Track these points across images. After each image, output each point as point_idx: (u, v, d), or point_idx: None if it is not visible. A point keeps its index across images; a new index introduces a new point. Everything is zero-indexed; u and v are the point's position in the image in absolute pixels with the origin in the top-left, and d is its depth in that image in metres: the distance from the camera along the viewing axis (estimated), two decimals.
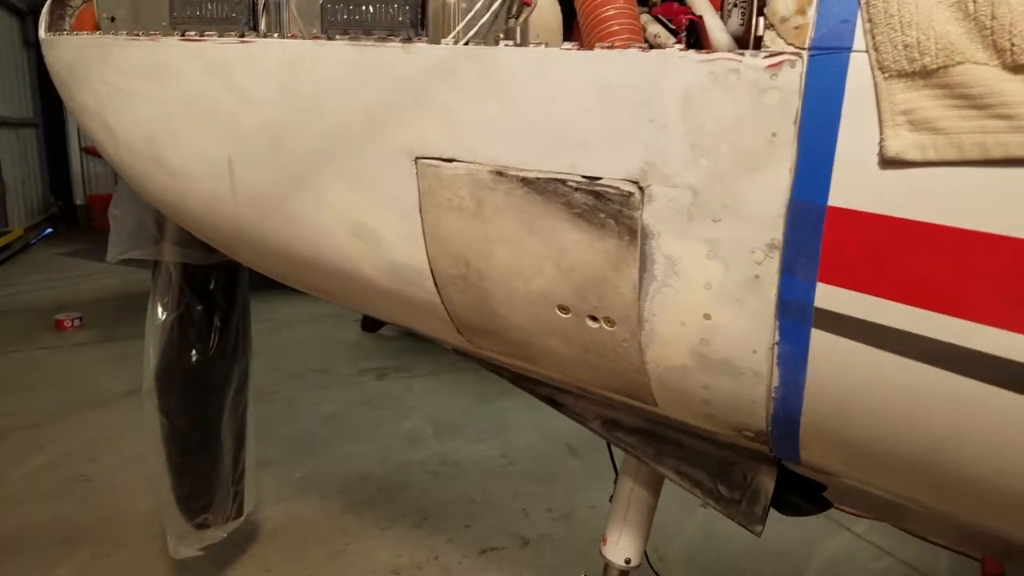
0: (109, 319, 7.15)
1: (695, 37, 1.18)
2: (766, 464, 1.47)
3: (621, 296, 1.13)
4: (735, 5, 1.21)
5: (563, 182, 1.09)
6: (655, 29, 1.25)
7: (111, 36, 1.46)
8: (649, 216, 1.05)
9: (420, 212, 1.25)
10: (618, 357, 1.22)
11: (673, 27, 1.21)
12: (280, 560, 3.55)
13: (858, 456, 1.15)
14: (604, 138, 1.05)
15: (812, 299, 0.99)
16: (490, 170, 1.14)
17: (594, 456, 4.54)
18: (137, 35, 1.41)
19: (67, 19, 1.73)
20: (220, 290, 2.49)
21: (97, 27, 1.63)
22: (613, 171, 1.06)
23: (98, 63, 1.48)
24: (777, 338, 1.04)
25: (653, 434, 1.61)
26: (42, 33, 1.67)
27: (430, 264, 1.29)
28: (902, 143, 0.87)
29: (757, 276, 1.01)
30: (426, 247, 1.28)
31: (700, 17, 1.15)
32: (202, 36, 1.34)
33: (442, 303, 1.34)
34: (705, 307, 1.08)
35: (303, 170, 1.31)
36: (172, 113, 1.41)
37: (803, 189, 0.94)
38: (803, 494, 1.56)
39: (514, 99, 1.11)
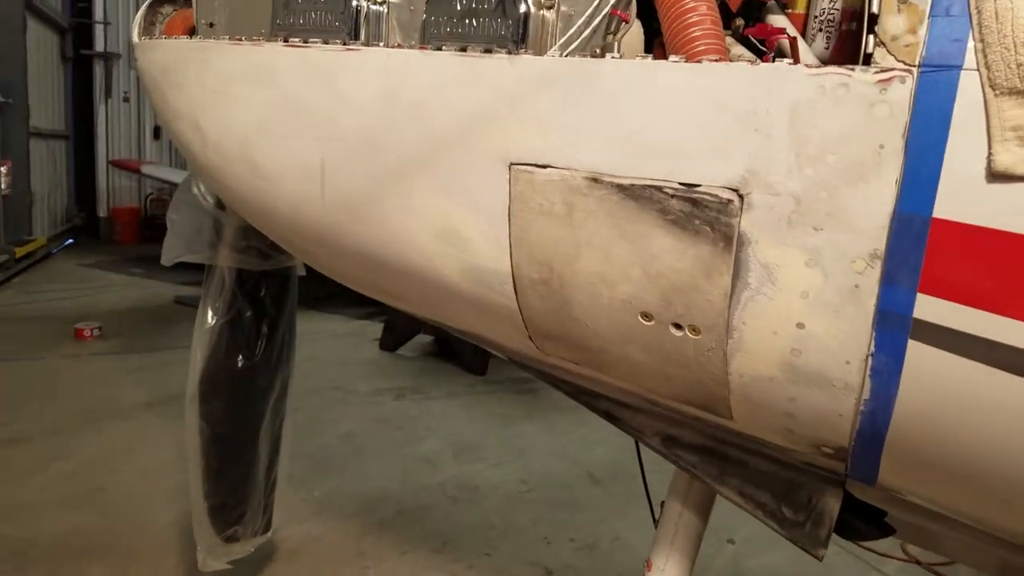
0: (128, 330, 7.20)
1: (781, 59, 1.22)
2: (832, 486, 1.48)
3: (710, 304, 1.16)
4: (820, 30, 1.26)
5: (659, 188, 1.13)
6: (739, 51, 1.30)
7: (211, 40, 1.52)
8: (747, 223, 1.09)
9: (509, 217, 1.28)
10: (700, 367, 1.24)
11: (762, 48, 1.25)
12: None
13: (940, 475, 1.17)
14: (705, 146, 1.09)
15: (912, 310, 1.02)
16: (585, 176, 1.18)
17: (616, 485, 4.52)
18: (240, 39, 1.47)
19: (158, 25, 1.79)
20: (271, 297, 2.52)
21: (188, 33, 1.69)
22: (713, 178, 1.09)
23: (196, 66, 1.54)
24: (872, 349, 1.06)
25: (716, 453, 1.62)
26: (135, 38, 1.73)
27: (513, 269, 1.32)
28: (1011, 158, 0.90)
29: (857, 285, 1.04)
30: (511, 252, 1.31)
31: (795, 38, 1.19)
32: (307, 42, 1.39)
33: (519, 308, 1.36)
34: (800, 316, 1.10)
35: (396, 174, 1.35)
36: (268, 116, 1.46)
37: (908, 200, 0.98)
38: (865, 519, 1.56)
39: (616, 108, 1.15)
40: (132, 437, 4.89)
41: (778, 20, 1.30)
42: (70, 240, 12.02)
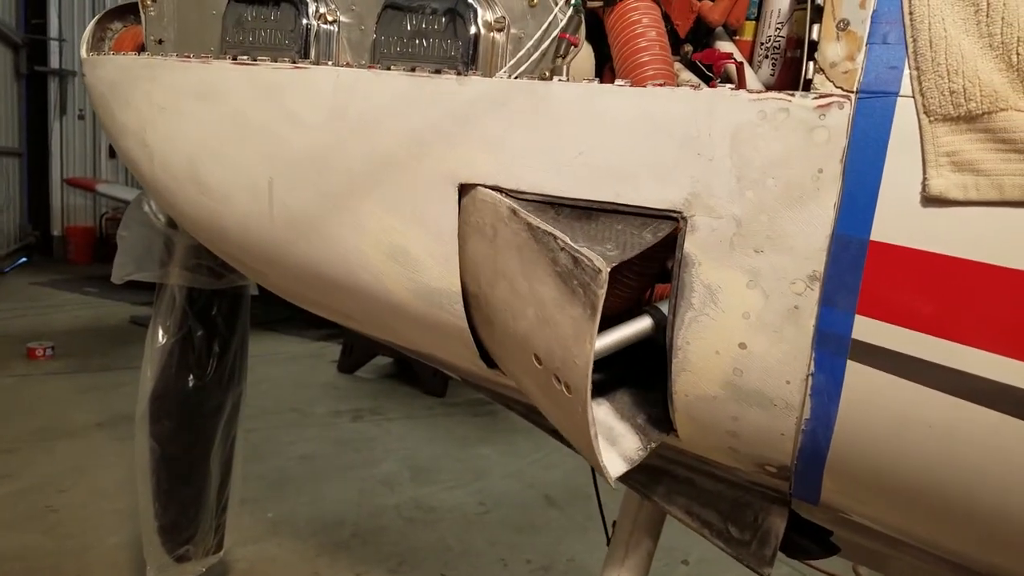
0: (81, 350, 6.97)
1: (728, 84, 1.23)
2: (778, 505, 1.47)
3: (577, 368, 1.09)
4: (766, 56, 1.27)
5: (555, 238, 1.08)
6: (687, 76, 1.30)
7: (159, 57, 1.47)
8: (691, 245, 1.08)
9: (458, 237, 1.26)
10: (576, 425, 1.19)
11: (709, 73, 1.26)
12: None
13: (882, 494, 1.16)
14: (649, 169, 1.08)
15: (850, 331, 1.01)
16: (508, 206, 1.16)
17: (573, 507, 4.48)
18: (188, 57, 1.42)
19: (107, 41, 1.73)
20: (222, 316, 2.45)
21: (138, 50, 1.64)
22: (657, 200, 1.08)
23: (143, 82, 1.49)
24: (812, 369, 1.06)
25: (664, 472, 1.60)
26: (83, 53, 1.67)
27: (463, 288, 1.30)
28: (945, 183, 0.91)
29: (796, 307, 1.03)
30: (461, 271, 1.28)
31: (741, 64, 1.20)
32: (255, 60, 1.36)
33: (469, 327, 1.33)
34: (741, 336, 1.09)
35: (345, 193, 1.31)
36: (216, 134, 1.42)
37: (846, 223, 0.97)
38: (811, 537, 1.55)
39: (563, 131, 1.14)
40: (83, 457, 4.72)
41: (726, 46, 1.31)
42: (23, 259, 11.65)
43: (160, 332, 2.39)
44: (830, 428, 1.09)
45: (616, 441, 1.28)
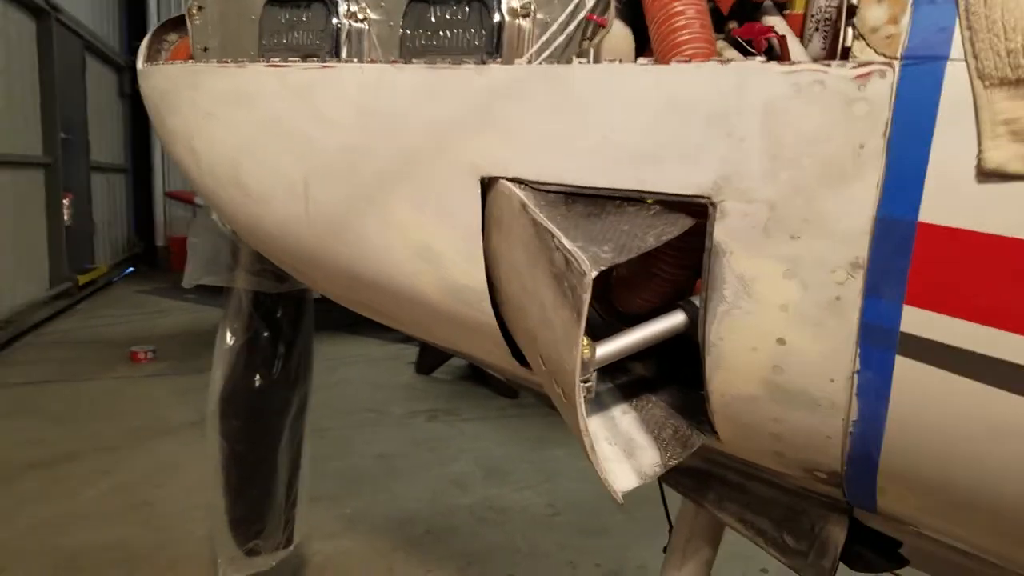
0: (180, 353, 7.32)
1: (775, 59, 1.13)
2: (837, 513, 1.35)
3: (567, 374, 1.03)
4: (816, 29, 1.17)
5: (552, 235, 1.02)
6: (731, 54, 1.21)
7: (203, 64, 1.49)
8: (721, 233, 0.99)
9: (483, 231, 1.21)
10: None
11: (752, 50, 1.16)
12: None
13: (942, 503, 1.04)
14: (676, 152, 1.00)
15: (898, 323, 0.90)
16: (520, 201, 1.10)
17: (644, 510, 4.32)
18: (226, 62, 1.44)
19: (163, 52, 1.78)
20: (287, 319, 2.50)
21: (189, 59, 1.67)
22: (684, 186, 1.00)
23: (189, 89, 1.52)
24: (858, 366, 0.95)
25: (714, 476, 1.50)
26: (140, 64, 1.73)
27: (490, 285, 1.25)
28: (1003, 154, 0.80)
29: (838, 297, 0.93)
30: (486, 267, 1.24)
31: (783, 37, 1.10)
32: (286, 62, 1.36)
33: (499, 324, 1.28)
34: (779, 331, 1.00)
35: (374, 191, 1.29)
36: (254, 137, 1.43)
37: (891, 204, 0.87)
38: (877, 549, 1.42)
39: (583, 115, 1.07)
40: (178, 454, 4.94)
41: (773, 21, 1.21)
42: (130, 268, 12.40)
43: (228, 334, 2.45)
44: (880, 430, 0.98)
45: (634, 453, 1.20)
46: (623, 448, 1.24)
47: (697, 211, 1.04)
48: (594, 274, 0.95)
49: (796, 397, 1.03)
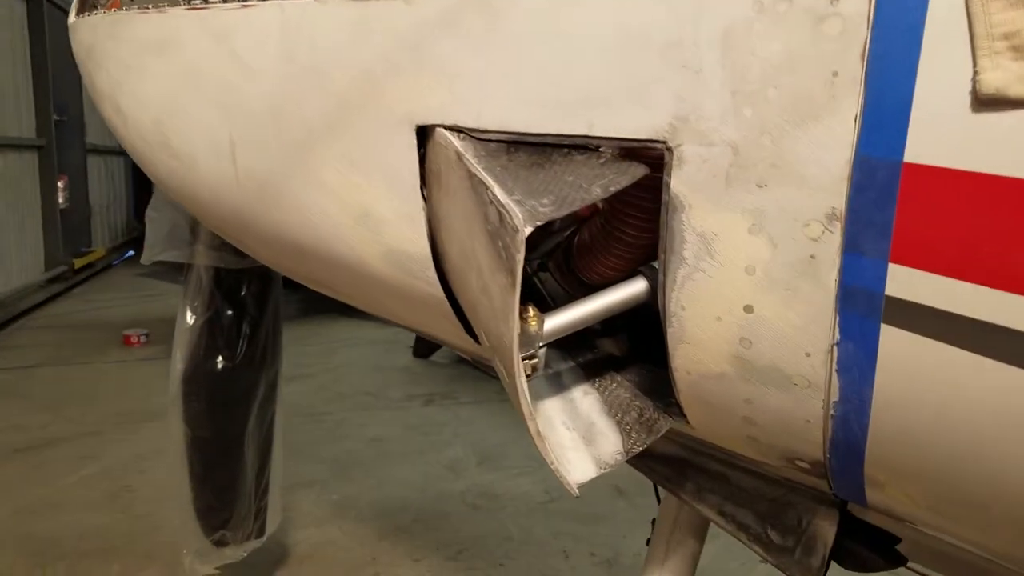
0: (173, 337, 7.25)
1: None
2: (826, 506, 1.22)
3: (505, 346, 0.92)
4: None
5: (487, 188, 0.89)
6: None
7: (123, 11, 1.37)
8: (678, 184, 0.86)
9: (424, 190, 1.08)
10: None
11: None
12: None
13: (940, 496, 0.91)
14: (625, 90, 0.87)
15: (882, 285, 0.77)
16: (456, 150, 0.97)
17: (643, 498, 4.23)
18: (147, 7, 1.32)
19: (100, 4, 1.65)
20: (251, 296, 2.39)
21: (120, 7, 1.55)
22: (635, 130, 0.87)
23: (111, 41, 1.40)
24: (837, 337, 0.82)
25: (692, 465, 1.38)
26: (71, 17, 1.60)
27: (434, 251, 1.12)
28: (1003, 76, 0.66)
29: (812, 256, 0.80)
30: (429, 231, 1.11)
31: None
32: (206, 3, 1.23)
33: (448, 297, 1.16)
34: (746, 297, 0.87)
35: (305, 149, 1.17)
36: (176, 91, 1.30)
37: (872, 142, 0.74)
38: (871, 545, 1.29)
39: (525, 51, 0.94)
40: (163, 439, 4.83)
41: None
42: (130, 252, 12.36)
43: (188, 313, 2.35)
44: (865, 412, 0.85)
45: (594, 440, 1.08)
46: (582, 434, 1.12)
47: (654, 159, 0.91)
48: (528, 229, 0.82)
49: (767, 374, 0.90)
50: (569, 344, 1.27)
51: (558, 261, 1.30)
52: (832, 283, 0.80)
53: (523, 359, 0.95)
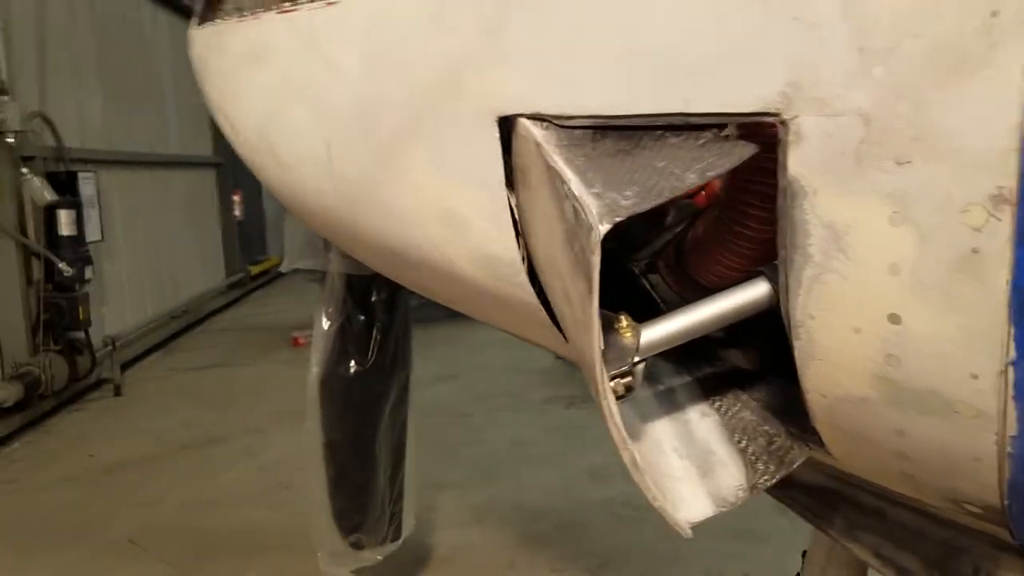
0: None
1: None
2: (1009, 554, 1.00)
3: (586, 357, 0.81)
4: None
5: (562, 179, 0.79)
6: None
7: (224, 21, 1.39)
8: (797, 164, 0.71)
9: (508, 188, 0.99)
10: None
11: None
12: None
13: None
14: (727, 56, 0.73)
15: None
16: (536, 141, 0.87)
17: None
18: (244, 15, 1.33)
19: (216, 17, 1.71)
20: (381, 302, 2.42)
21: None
22: (741, 103, 0.73)
23: (216, 52, 1.43)
24: (1012, 355, 0.64)
25: (842, 497, 1.19)
26: (189, 31, 1.65)
27: (523, 252, 1.03)
28: None
29: (975, 250, 0.63)
30: (519, 231, 1.02)
31: None
32: (295, 4, 1.21)
33: (540, 303, 1.06)
34: (891, 303, 0.70)
35: (392, 150, 1.12)
36: (274, 97, 1.30)
37: None
38: None
39: (608, 20, 0.82)
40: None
41: None
42: None
43: (324, 319, 2.41)
44: None
45: (711, 470, 0.94)
46: (697, 463, 0.98)
47: (768, 137, 0.76)
48: (605, 227, 0.71)
49: (922, 400, 0.73)
50: (686, 355, 1.13)
51: (669, 260, 1.16)
52: (1003, 284, 0.62)
53: (615, 376, 0.83)
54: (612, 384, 0.83)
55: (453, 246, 1.13)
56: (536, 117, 0.91)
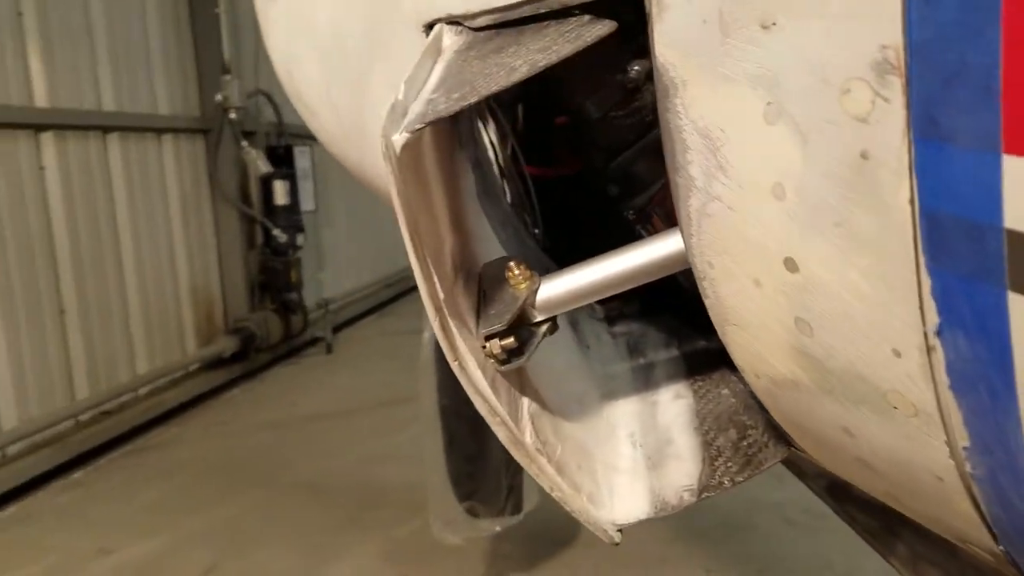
0: None
1: None
2: None
3: None
4: None
5: None
6: None
7: None
8: (662, 45, 0.52)
9: None
10: None
11: None
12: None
13: None
14: None
15: (999, 208, 0.36)
16: (438, 47, 0.73)
17: None
18: None
19: None
20: None
21: None
22: None
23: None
24: (936, 319, 0.42)
25: (905, 521, 0.92)
26: None
27: None
28: None
29: (864, 154, 0.41)
30: None
31: None
32: None
33: None
34: (783, 242, 0.50)
35: (361, 77, 1.05)
36: (291, 36, 1.28)
37: None
38: None
39: None
40: None
41: None
42: None
43: None
44: (1015, 457, 0.42)
45: (661, 464, 0.76)
46: (649, 453, 0.81)
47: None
48: (401, 137, 0.58)
49: (851, 388, 0.51)
50: (680, 326, 0.93)
51: (669, 208, 0.96)
52: (903, 205, 0.40)
53: (492, 336, 0.70)
54: (489, 345, 0.69)
55: None
56: (451, 21, 0.79)
